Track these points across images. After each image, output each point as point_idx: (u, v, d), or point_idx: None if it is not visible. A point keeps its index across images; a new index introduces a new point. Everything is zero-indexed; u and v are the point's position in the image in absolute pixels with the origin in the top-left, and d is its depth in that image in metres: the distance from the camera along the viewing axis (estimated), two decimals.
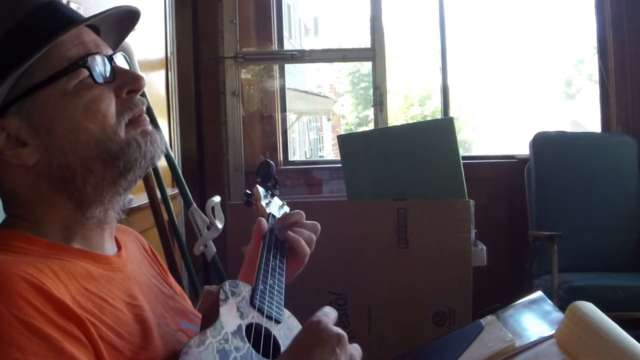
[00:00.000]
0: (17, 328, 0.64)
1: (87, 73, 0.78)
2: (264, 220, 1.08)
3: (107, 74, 0.81)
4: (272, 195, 1.20)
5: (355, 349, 0.81)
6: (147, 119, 0.85)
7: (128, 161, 0.80)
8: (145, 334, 0.78)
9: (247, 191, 1.18)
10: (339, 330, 0.78)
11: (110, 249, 0.86)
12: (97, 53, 0.80)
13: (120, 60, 0.85)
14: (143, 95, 0.86)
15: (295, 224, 1.08)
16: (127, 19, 0.89)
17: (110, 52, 0.84)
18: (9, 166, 0.78)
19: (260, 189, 1.17)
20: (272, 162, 1.26)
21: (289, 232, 1.04)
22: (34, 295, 0.66)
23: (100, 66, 0.80)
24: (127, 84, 0.82)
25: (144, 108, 0.84)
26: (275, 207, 1.17)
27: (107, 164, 0.79)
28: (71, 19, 0.80)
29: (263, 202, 1.15)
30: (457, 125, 2.56)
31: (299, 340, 0.78)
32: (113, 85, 0.81)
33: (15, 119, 0.77)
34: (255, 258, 0.99)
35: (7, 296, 0.65)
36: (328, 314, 0.81)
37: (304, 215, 1.10)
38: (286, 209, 1.20)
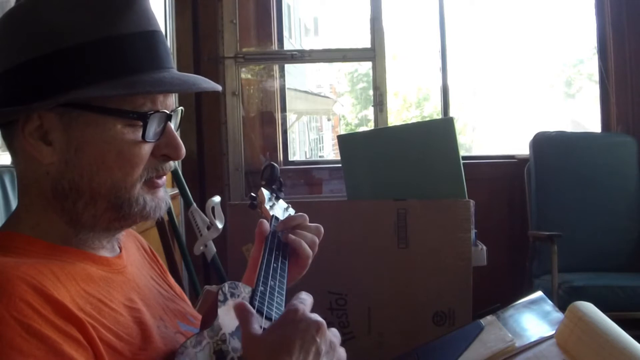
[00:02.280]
0: (16, 330, 0.64)
1: (141, 127, 0.78)
2: (265, 222, 1.08)
3: (157, 132, 0.80)
4: (277, 198, 1.20)
5: (334, 335, 0.80)
6: (165, 180, 0.85)
7: (128, 213, 0.80)
8: (145, 335, 0.77)
9: (252, 194, 1.18)
10: (317, 317, 0.77)
11: (110, 250, 0.86)
12: (161, 111, 0.80)
13: (177, 115, 0.85)
14: None
15: (299, 226, 1.07)
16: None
17: (172, 107, 0.83)
18: (27, 152, 0.78)
19: (265, 192, 1.17)
20: (276, 165, 1.26)
21: (291, 235, 1.04)
22: (34, 297, 0.66)
23: (156, 124, 0.79)
24: (167, 148, 0.82)
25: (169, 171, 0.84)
26: (280, 209, 1.17)
27: (111, 205, 0.79)
28: (163, 65, 0.79)
29: (267, 205, 1.14)
30: (457, 127, 2.56)
31: (276, 331, 0.76)
32: (155, 143, 0.81)
33: (55, 117, 0.76)
34: (259, 261, 0.99)
35: (7, 298, 0.65)
36: (304, 301, 0.79)
37: (308, 218, 1.09)
38: (291, 211, 1.20)
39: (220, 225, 2.16)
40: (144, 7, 0.79)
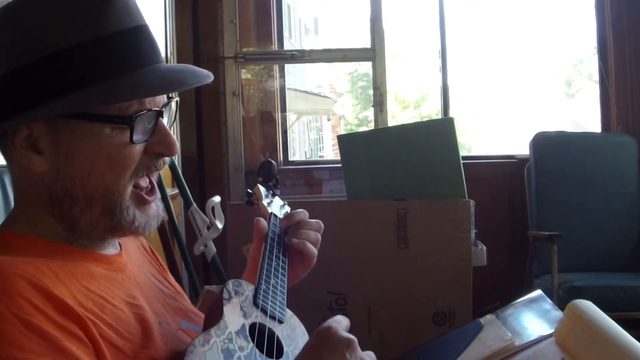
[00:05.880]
0: (16, 327, 0.64)
1: (128, 130, 0.76)
2: (262, 220, 1.08)
3: (148, 130, 0.79)
4: (274, 195, 1.20)
5: (368, 356, 0.80)
6: (157, 193, 0.84)
7: (119, 222, 0.79)
8: (146, 332, 0.78)
9: (249, 190, 1.18)
10: (349, 335, 0.78)
11: (111, 248, 0.86)
12: (150, 110, 0.78)
13: (170, 108, 0.84)
14: None
15: (300, 223, 1.08)
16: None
17: (163, 102, 0.82)
18: (20, 161, 0.78)
19: (262, 189, 1.17)
20: (273, 161, 1.26)
21: (294, 239, 1.04)
22: (34, 294, 0.66)
23: (145, 123, 0.78)
24: (161, 145, 0.81)
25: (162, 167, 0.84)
26: (277, 206, 1.17)
27: (105, 210, 0.78)
28: (147, 62, 0.78)
29: (264, 202, 1.15)
30: (457, 127, 2.56)
31: (309, 346, 0.78)
32: (147, 142, 0.80)
33: (43, 126, 0.75)
34: (258, 259, 0.99)
35: (6, 295, 0.65)
36: (339, 321, 0.81)
37: (308, 214, 1.10)
38: (287, 208, 1.20)
39: (220, 225, 2.16)
40: (125, 2, 0.78)
